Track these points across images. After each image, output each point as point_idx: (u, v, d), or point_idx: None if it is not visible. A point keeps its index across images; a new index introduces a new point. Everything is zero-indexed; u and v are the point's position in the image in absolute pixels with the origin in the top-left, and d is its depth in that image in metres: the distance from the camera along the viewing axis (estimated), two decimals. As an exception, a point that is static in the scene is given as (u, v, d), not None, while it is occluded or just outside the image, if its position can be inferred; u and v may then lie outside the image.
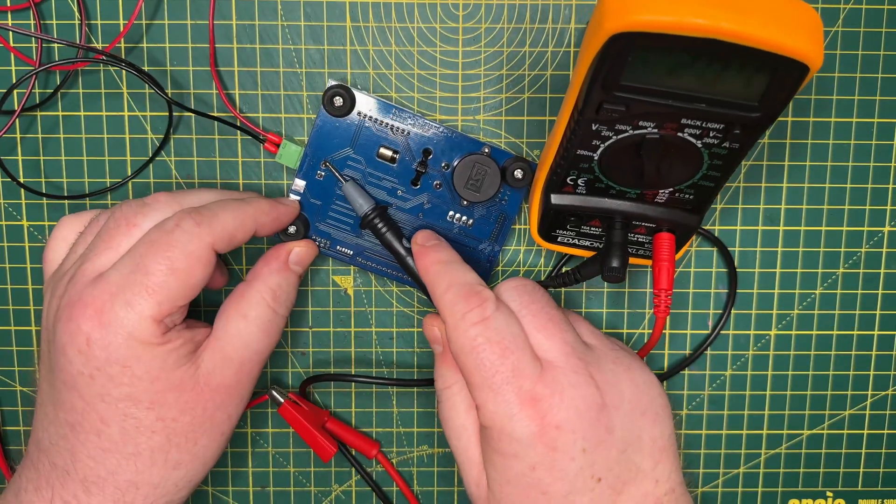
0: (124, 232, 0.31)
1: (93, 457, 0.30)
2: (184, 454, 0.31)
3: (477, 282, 0.32)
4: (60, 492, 0.30)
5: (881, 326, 0.40)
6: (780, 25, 0.24)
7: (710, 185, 0.31)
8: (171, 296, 0.30)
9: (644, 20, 0.24)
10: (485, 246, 0.38)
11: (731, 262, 0.39)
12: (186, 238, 0.30)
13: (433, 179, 0.36)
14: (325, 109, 0.35)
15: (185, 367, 0.31)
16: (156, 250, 0.30)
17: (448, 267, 0.32)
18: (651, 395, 0.32)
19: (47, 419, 0.31)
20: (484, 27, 0.37)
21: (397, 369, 0.40)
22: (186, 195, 0.33)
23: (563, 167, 0.32)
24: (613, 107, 0.28)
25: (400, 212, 0.37)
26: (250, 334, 0.32)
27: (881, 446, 0.41)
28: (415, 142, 0.36)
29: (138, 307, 0.29)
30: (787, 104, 0.27)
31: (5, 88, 0.36)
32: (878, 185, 0.38)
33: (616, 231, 0.33)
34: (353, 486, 0.41)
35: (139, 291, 0.29)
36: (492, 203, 0.37)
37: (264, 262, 0.34)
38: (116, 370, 0.30)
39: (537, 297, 0.32)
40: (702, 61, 0.26)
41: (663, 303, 0.33)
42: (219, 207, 0.32)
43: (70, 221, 0.34)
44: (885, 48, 0.37)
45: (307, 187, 0.36)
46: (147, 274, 0.29)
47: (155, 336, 0.30)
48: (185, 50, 0.37)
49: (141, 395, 0.30)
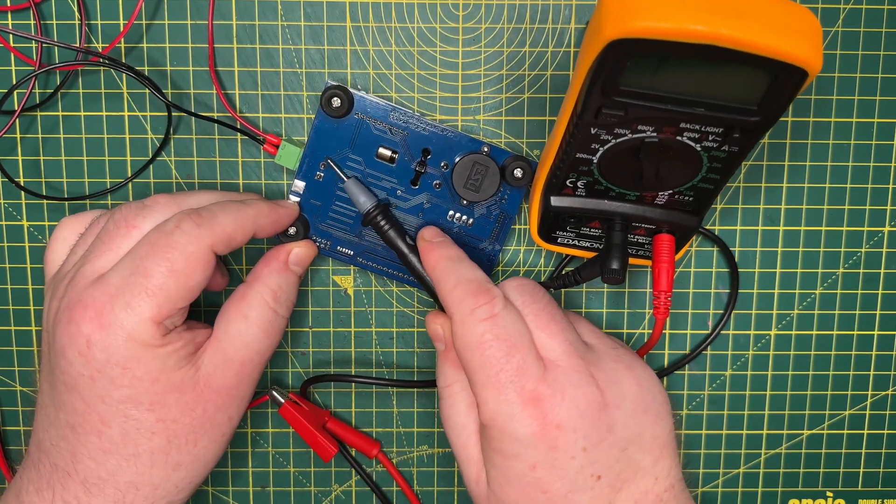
0: (124, 234, 0.31)
1: (93, 458, 0.30)
2: (184, 455, 0.31)
3: (485, 279, 0.32)
4: (61, 493, 0.30)
5: (881, 326, 0.40)
6: (778, 30, 0.24)
7: (710, 187, 0.31)
8: (171, 297, 0.30)
9: (643, 26, 0.24)
10: (485, 245, 0.38)
11: (733, 262, 0.39)
12: (186, 240, 0.30)
13: (433, 179, 0.36)
14: (324, 110, 0.35)
15: (186, 369, 0.31)
16: (155, 252, 0.30)
17: (456, 263, 0.32)
18: (652, 392, 0.32)
19: (48, 420, 0.31)
20: (484, 27, 0.37)
21: (397, 369, 0.40)
22: (186, 197, 0.33)
23: (562, 170, 0.32)
24: (612, 111, 0.28)
25: (400, 212, 0.37)
26: (251, 335, 0.32)
27: (881, 446, 0.41)
28: (414, 141, 0.36)
29: (138, 309, 0.29)
30: (786, 108, 0.27)
31: (6, 89, 0.36)
32: (878, 185, 0.38)
33: (616, 233, 0.33)
34: (353, 486, 0.41)
35: (139, 293, 0.29)
36: (492, 202, 0.37)
37: (264, 263, 0.34)
38: (117, 372, 0.30)
39: (539, 297, 0.32)
40: (701, 66, 0.26)
41: (663, 304, 0.33)
42: (218, 209, 0.32)
43: (70, 222, 0.34)
44: (885, 48, 0.37)
45: (307, 188, 0.36)
46: (147, 276, 0.29)
47: (154, 338, 0.30)
48: (184, 50, 0.37)
49: (141, 396, 0.30)
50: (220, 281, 0.37)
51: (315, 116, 0.36)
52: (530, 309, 0.31)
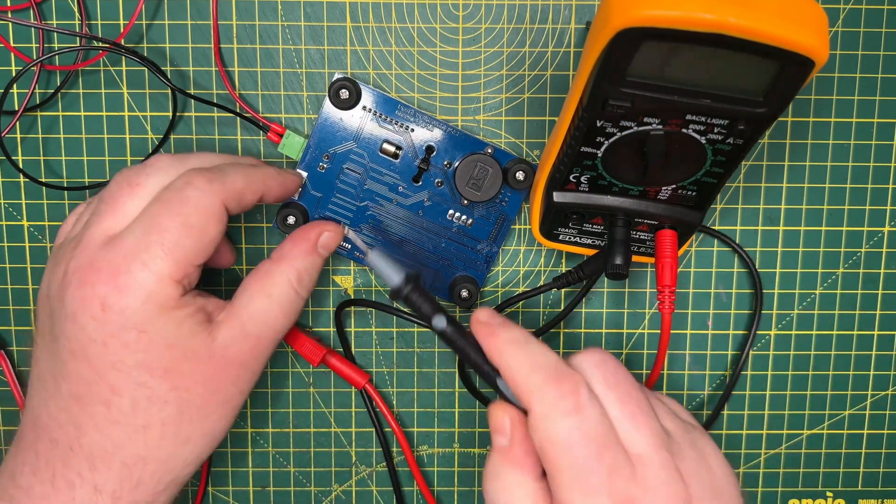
0: (127, 193, 0.30)
1: (100, 429, 0.29)
2: (195, 428, 0.31)
3: (561, 362, 0.29)
4: (62, 471, 0.29)
5: (881, 326, 0.40)
6: (786, 20, 0.25)
7: (713, 181, 0.32)
8: (187, 254, 0.29)
9: (651, 15, 0.24)
10: (483, 246, 0.38)
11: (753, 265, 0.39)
12: (198, 195, 0.29)
13: (435, 177, 0.36)
14: (331, 101, 0.35)
15: (202, 337, 0.30)
16: (168, 208, 0.29)
17: (527, 348, 0.29)
18: (726, 478, 0.30)
19: (48, 393, 0.30)
20: (484, 27, 0.37)
21: (397, 369, 0.40)
22: (188, 157, 0.32)
23: (566, 164, 0.32)
24: (619, 102, 0.28)
25: (400, 208, 0.37)
26: (271, 312, 0.32)
27: (881, 446, 0.41)
28: (418, 139, 0.36)
29: (155, 267, 0.29)
30: (792, 99, 0.27)
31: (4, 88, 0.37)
32: (878, 186, 0.38)
33: (619, 228, 0.33)
34: (353, 486, 0.41)
35: (155, 251, 0.29)
36: (492, 203, 0.37)
37: (292, 242, 0.33)
38: (132, 336, 0.29)
39: (621, 378, 0.29)
40: (708, 56, 0.26)
41: (668, 299, 0.33)
42: (229, 167, 0.31)
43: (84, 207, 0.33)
44: (885, 48, 0.37)
45: (308, 178, 0.36)
46: (162, 232, 0.29)
47: (173, 298, 0.29)
48: (184, 50, 0.37)
49: (155, 362, 0.29)
50: (229, 258, 0.36)
51: (322, 107, 0.36)
52: (615, 393, 0.29)
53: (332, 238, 0.34)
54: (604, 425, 0.27)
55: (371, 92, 0.35)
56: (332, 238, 0.34)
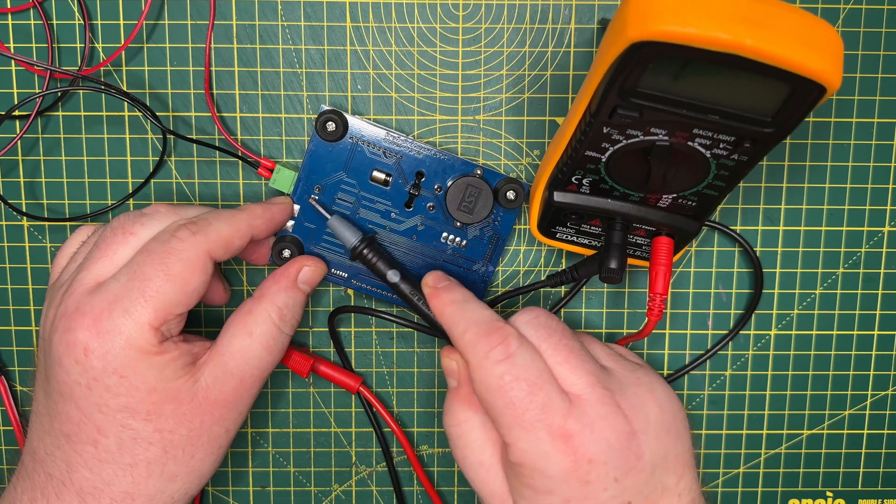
0: (121, 240, 0.31)
1: (89, 467, 0.30)
2: (181, 467, 0.31)
3: (494, 318, 0.31)
4: (56, 503, 0.30)
5: (881, 326, 0.40)
6: (802, 45, 0.24)
7: (714, 194, 0.32)
8: (168, 302, 0.30)
9: (668, 30, 0.24)
10: (479, 266, 0.38)
11: (757, 262, 0.38)
12: (183, 246, 0.30)
13: (426, 201, 0.36)
14: (319, 134, 0.35)
15: (184, 379, 0.31)
16: (152, 258, 0.30)
17: (463, 306, 0.32)
18: (673, 412, 0.32)
19: (43, 429, 0.31)
20: (484, 27, 0.37)
21: (397, 369, 0.40)
22: (186, 208, 0.33)
23: (569, 166, 0.32)
24: (627, 112, 0.28)
25: (394, 234, 0.37)
26: (253, 351, 0.32)
27: (881, 446, 0.41)
28: (407, 164, 0.36)
29: (135, 314, 0.29)
30: (800, 122, 0.27)
31: (5, 109, 0.37)
32: (878, 186, 0.38)
33: (616, 232, 0.33)
34: (353, 486, 0.41)
35: (136, 298, 0.29)
36: (485, 224, 0.37)
37: (272, 280, 0.34)
38: (114, 380, 0.30)
39: (553, 329, 0.32)
40: (720, 74, 0.26)
41: (657, 307, 0.33)
42: (212, 216, 0.32)
43: (85, 231, 0.34)
44: (885, 48, 0.37)
45: (301, 211, 0.36)
46: (144, 280, 0.30)
47: (152, 344, 0.30)
48: (185, 49, 0.37)
49: (138, 405, 0.30)
50: (223, 295, 0.37)
51: (309, 140, 0.36)
52: (547, 344, 0.31)
53: (313, 272, 0.35)
54: (536, 368, 0.30)
55: (358, 122, 0.35)
56: (313, 272, 0.35)
